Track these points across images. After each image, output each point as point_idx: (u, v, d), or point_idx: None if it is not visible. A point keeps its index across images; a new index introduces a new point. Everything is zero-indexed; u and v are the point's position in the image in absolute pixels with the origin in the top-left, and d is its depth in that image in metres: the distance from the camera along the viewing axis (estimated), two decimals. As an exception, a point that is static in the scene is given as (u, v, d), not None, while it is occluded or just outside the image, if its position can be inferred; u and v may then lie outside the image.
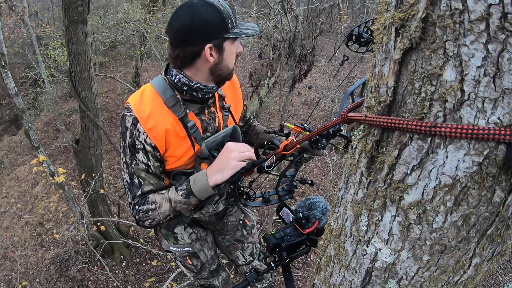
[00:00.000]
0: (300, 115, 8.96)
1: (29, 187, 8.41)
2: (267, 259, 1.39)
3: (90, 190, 4.68)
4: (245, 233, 1.66)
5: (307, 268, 5.34)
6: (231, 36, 1.10)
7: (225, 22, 1.08)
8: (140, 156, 1.15)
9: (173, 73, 1.17)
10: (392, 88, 0.58)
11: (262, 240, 1.49)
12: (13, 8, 7.12)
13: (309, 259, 5.11)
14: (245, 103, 1.53)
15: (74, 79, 4.44)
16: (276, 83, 8.29)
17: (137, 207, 1.17)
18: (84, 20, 4.08)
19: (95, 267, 5.89)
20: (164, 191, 1.18)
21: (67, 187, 4.87)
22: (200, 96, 1.20)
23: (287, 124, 1.31)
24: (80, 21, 4.05)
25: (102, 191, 5.20)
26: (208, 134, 1.28)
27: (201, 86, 1.17)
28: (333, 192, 6.40)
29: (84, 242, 6.10)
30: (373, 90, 0.63)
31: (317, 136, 1.13)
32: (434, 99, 0.52)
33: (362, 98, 0.78)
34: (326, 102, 8.09)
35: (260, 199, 1.43)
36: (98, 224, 5.29)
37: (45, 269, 6.24)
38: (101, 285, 5.89)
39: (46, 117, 10.49)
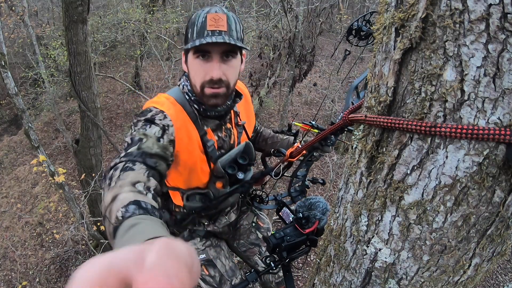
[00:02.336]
0: (300, 115, 8.96)
1: (29, 187, 8.41)
2: (267, 259, 1.39)
3: (90, 190, 4.68)
4: (260, 235, 1.58)
5: (307, 268, 5.34)
6: (187, 47, 1.04)
7: (187, 31, 1.05)
8: (154, 129, 0.96)
9: (182, 79, 1.15)
10: (392, 88, 0.57)
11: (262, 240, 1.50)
12: (13, 8, 7.11)
13: (309, 259, 5.11)
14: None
15: (74, 79, 4.44)
16: (276, 83, 8.27)
17: (112, 171, 0.78)
18: (84, 20, 4.08)
19: (95, 267, 5.88)
20: (127, 198, 0.68)
21: (67, 187, 4.87)
22: (202, 110, 1.15)
23: (295, 123, 1.32)
24: (80, 21, 4.05)
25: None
26: (222, 151, 1.24)
27: (197, 100, 1.13)
28: (333, 192, 6.40)
29: (84, 242, 6.10)
30: (373, 90, 0.63)
31: None
32: (434, 99, 0.52)
33: (363, 99, 0.78)
34: (326, 102, 8.09)
35: (273, 201, 1.44)
36: (98, 224, 5.29)
37: (45, 269, 6.24)
38: (101, 285, 5.88)
39: (46, 117, 10.49)
